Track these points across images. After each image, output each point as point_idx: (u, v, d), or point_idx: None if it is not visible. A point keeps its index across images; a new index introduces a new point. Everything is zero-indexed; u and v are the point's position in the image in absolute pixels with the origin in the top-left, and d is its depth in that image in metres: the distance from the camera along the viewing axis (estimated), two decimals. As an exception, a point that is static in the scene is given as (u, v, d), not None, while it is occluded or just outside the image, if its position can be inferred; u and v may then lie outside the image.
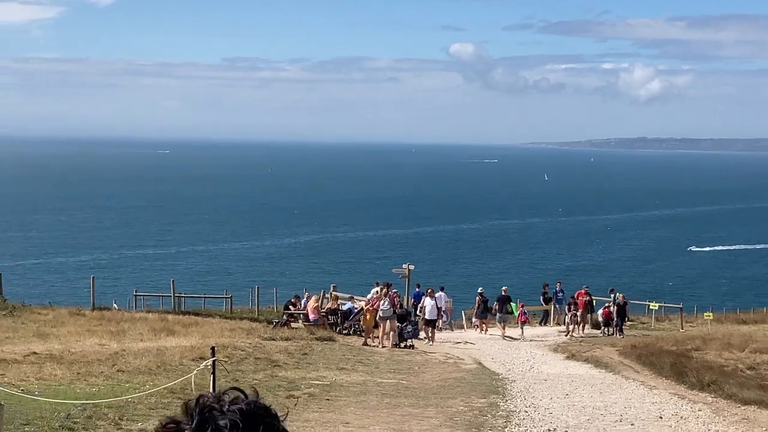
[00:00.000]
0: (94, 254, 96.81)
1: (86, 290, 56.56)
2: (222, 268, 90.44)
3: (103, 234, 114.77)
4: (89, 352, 23.26)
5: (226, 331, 31.64)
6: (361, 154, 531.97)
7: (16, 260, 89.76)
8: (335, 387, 21.01)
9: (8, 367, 20.06)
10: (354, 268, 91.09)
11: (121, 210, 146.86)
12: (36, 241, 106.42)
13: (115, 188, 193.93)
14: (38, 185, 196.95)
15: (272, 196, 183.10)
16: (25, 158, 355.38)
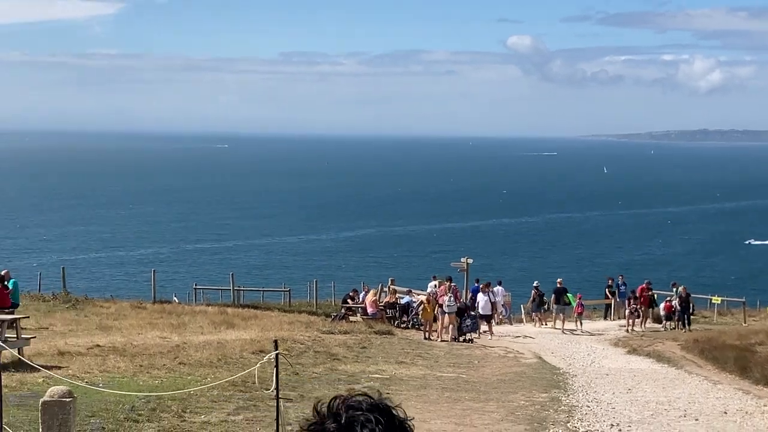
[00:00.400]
0: (153, 248, 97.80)
1: (147, 284, 57.19)
2: (280, 262, 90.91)
3: (163, 228, 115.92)
4: (151, 345, 23.48)
5: (285, 325, 31.77)
6: (418, 148, 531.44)
7: (78, 254, 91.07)
8: (395, 381, 20.98)
9: (72, 359, 20.31)
10: (411, 261, 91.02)
11: (179, 204, 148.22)
12: (97, 235, 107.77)
13: (173, 182, 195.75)
14: (98, 180, 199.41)
15: (329, 191, 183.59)
16: (85, 153, 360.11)
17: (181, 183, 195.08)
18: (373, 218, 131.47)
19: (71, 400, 10.53)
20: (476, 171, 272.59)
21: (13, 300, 28.34)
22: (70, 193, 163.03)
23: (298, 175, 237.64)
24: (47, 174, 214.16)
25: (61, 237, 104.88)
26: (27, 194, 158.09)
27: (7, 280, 28.48)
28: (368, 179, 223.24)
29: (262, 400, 16.49)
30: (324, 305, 45.08)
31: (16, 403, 14.58)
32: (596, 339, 35.56)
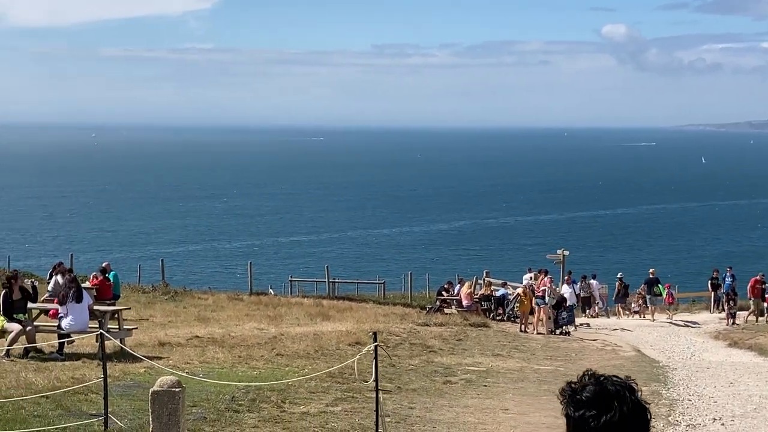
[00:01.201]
0: (249, 240, 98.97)
1: (243, 276, 57.94)
2: (374, 254, 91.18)
3: (258, 221, 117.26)
4: (249, 336, 23.74)
5: (380, 317, 31.84)
6: (511, 139, 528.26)
7: (176, 246, 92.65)
8: (492, 373, 20.85)
9: (173, 350, 20.63)
10: (506, 254, 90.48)
11: (275, 197, 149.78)
12: (193, 227, 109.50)
13: (268, 176, 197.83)
14: (192, 173, 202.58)
15: (422, 182, 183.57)
16: (179, 147, 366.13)
17: (276, 176, 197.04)
18: (466, 210, 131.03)
19: (180, 390, 10.69)
20: (571, 162, 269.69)
21: (114, 292, 28.95)
22: (166, 186, 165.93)
23: (391, 167, 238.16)
24: (145, 168, 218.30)
25: (160, 230, 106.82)
26: (126, 188, 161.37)
27: (108, 272, 29.10)
28: (461, 171, 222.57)
29: (360, 391, 16.53)
30: (418, 297, 45.11)
31: (120, 393, 14.86)
32: (695, 331, 34.90)
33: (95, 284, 28.00)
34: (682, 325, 37.29)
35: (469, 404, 16.72)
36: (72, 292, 19.28)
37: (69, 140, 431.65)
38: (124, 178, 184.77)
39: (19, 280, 20.13)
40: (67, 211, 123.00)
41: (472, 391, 18.33)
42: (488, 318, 34.35)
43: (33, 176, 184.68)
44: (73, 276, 21.43)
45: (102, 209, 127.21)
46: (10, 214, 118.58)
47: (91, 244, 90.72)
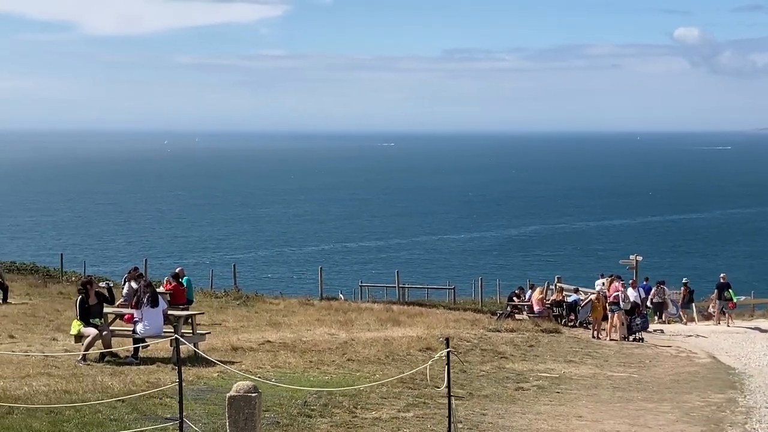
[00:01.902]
0: (319, 246, 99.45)
1: (312, 281, 58.23)
2: (443, 260, 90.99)
3: (328, 226, 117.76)
4: (320, 341, 23.80)
5: (451, 322, 31.71)
6: (582, 143, 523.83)
7: (247, 251, 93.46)
8: (564, 380, 20.65)
9: (245, 354, 20.77)
10: (577, 259, 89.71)
11: (344, 202, 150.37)
12: (264, 233, 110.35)
13: (337, 181, 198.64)
14: (263, 179, 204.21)
15: (492, 187, 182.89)
16: (251, 153, 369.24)
17: (346, 181, 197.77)
18: (537, 215, 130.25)
19: (257, 395, 10.77)
20: (644, 166, 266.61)
21: (187, 296, 29.25)
22: (237, 192, 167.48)
23: (460, 172, 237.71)
24: (216, 174, 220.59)
25: (231, 235, 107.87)
26: (198, 194, 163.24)
27: (181, 277, 29.41)
28: (531, 176, 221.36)
29: (432, 397, 16.48)
30: (489, 303, 44.85)
31: (194, 397, 15.00)
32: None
33: (169, 289, 28.31)
34: (745, 330, 36.56)
35: (541, 411, 16.58)
36: (147, 296, 19.51)
37: (142, 147, 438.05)
38: (196, 184, 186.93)
39: (95, 285, 20.42)
40: (140, 217, 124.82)
41: (544, 397, 18.17)
42: (560, 324, 34.02)
43: (107, 183, 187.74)
44: (148, 281, 21.70)
45: (174, 215, 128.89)
46: (85, 220, 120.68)
47: (163, 250, 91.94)
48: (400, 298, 45.11)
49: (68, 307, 29.70)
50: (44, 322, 26.97)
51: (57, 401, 14.09)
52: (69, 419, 13.09)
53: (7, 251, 74.08)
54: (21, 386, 15.27)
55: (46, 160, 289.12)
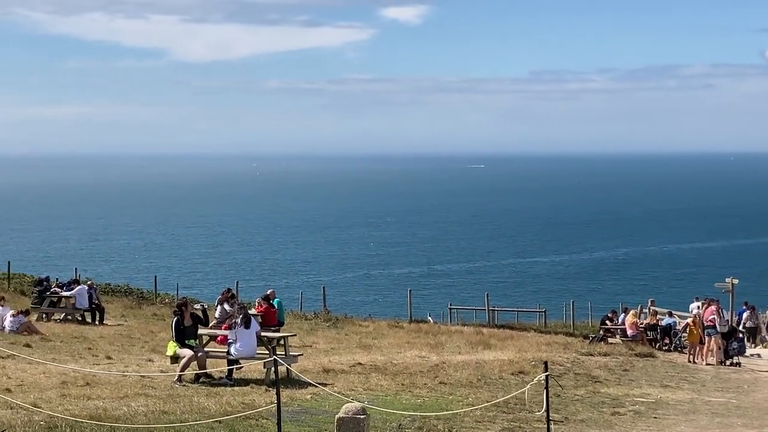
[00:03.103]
0: (406, 268, 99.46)
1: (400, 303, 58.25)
2: (533, 282, 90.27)
3: (416, 248, 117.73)
4: (411, 364, 23.74)
5: (543, 346, 31.36)
6: (673, 165, 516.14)
7: (335, 274, 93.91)
8: (661, 405, 20.26)
9: (337, 376, 20.82)
10: (671, 282, 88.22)
11: (432, 225, 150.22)
12: (353, 255, 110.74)
13: (426, 204, 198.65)
14: (350, 201, 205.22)
15: (581, 209, 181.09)
16: (338, 175, 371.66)
17: (434, 204, 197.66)
18: (627, 237, 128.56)
19: (365, 417, 10.80)
20: (739, 187, 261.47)
21: (278, 318, 29.45)
22: (325, 214, 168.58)
23: (549, 193, 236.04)
24: (301, 197, 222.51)
25: (320, 257, 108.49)
26: (286, 217, 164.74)
27: (272, 299, 29.63)
28: (621, 197, 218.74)
29: (527, 421, 16.30)
30: (581, 326, 44.32)
31: (289, 419, 15.05)
32: None
33: (260, 311, 28.55)
34: None
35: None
36: (241, 318, 19.70)
37: (232, 171, 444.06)
38: (284, 207, 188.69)
39: (190, 307, 20.68)
40: (230, 240, 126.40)
41: (642, 422, 17.84)
42: (654, 348, 33.45)
43: (198, 206, 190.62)
44: (241, 303, 21.92)
45: (263, 238, 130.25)
46: (177, 243, 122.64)
47: (253, 272, 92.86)
48: (490, 321, 44.84)
49: (162, 329, 30.17)
50: (140, 343, 27.43)
51: (156, 421, 14.28)
52: (167, 440, 13.24)
53: (102, 273, 75.61)
54: (120, 406, 15.51)
55: (138, 185, 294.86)
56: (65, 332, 28.89)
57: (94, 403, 15.77)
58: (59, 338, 27.09)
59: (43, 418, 14.11)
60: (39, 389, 17.41)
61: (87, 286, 34.06)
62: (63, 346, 25.41)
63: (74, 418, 13.96)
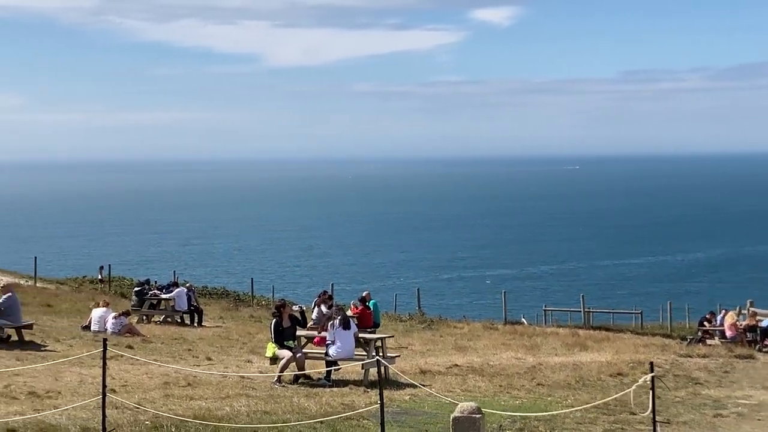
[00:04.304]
0: (499, 270, 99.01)
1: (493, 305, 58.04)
2: (628, 283, 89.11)
3: (509, 250, 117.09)
4: (507, 365, 23.66)
5: (640, 347, 30.95)
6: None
7: (428, 275, 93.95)
8: (764, 407, 19.81)
9: (434, 378, 20.85)
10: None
11: (525, 226, 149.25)
12: (445, 258, 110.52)
13: (519, 205, 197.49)
14: (441, 204, 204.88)
15: (676, 209, 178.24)
16: (435, 178, 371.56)
17: (523, 206, 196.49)
18: (725, 238, 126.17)
19: (480, 417, 10.84)
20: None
21: (374, 320, 29.62)
22: (416, 217, 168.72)
23: (643, 193, 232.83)
24: (396, 200, 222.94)
25: (412, 259, 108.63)
26: (378, 220, 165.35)
27: (368, 301, 29.82)
28: (716, 197, 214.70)
29: (629, 423, 16.12)
30: (678, 328, 43.67)
31: (389, 419, 15.11)
32: None
33: (356, 313, 28.76)
34: None
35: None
36: (339, 320, 19.87)
37: (323, 174, 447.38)
38: (376, 210, 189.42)
39: (288, 308, 20.91)
40: (324, 243, 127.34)
41: (746, 425, 17.51)
42: (754, 349, 32.77)
43: (291, 209, 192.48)
44: (339, 305, 22.10)
45: (355, 240, 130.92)
46: (272, 246, 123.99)
47: (347, 274, 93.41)
48: (586, 322, 44.45)
49: (260, 330, 30.58)
50: (238, 344, 27.82)
51: (258, 422, 14.50)
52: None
53: (199, 276, 76.87)
54: (223, 406, 15.78)
55: (232, 189, 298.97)
56: (165, 334, 29.46)
57: (197, 403, 16.08)
58: (160, 340, 27.63)
59: (148, 417, 14.43)
60: (143, 389, 17.80)
61: (186, 289, 34.68)
62: (163, 348, 25.91)
63: (179, 418, 14.25)
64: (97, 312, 28.97)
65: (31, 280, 45.89)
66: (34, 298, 35.99)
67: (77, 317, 31.27)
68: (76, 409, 14.94)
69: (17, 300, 24.65)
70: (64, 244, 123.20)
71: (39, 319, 28.56)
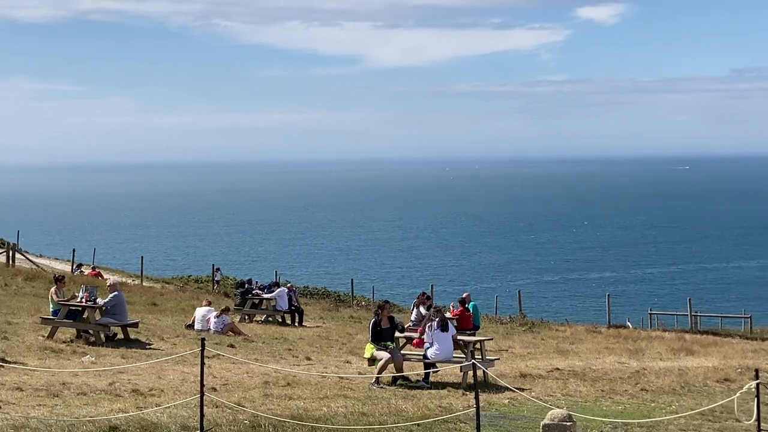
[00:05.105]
0: (603, 273, 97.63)
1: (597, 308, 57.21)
2: (738, 287, 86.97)
3: (612, 253, 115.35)
4: (610, 370, 23.22)
5: (748, 353, 30.16)
6: None
7: (529, 277, 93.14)
8: None
9: (534, 381, 20.57)
10: None
11: (632, 228, 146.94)
12: (547, 259, 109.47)
13: (624, 205, 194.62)
14: (544, 205, 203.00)
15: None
16: (530, 179, 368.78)
17: (631, 207, 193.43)
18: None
19: (571, 425, 10.62)
20: None
21: (474, 322, 29.39)
22: (518, 218, 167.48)
23: (756, 195, 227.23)
24: (496, 201, 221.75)
25: (513, 261, 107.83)
26: (479, 220, 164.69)
27: (468, 303, 29.61)
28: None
29: (734, 430, 15.64)
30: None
31: (486, 423, 14.94)
32: None
33: (455, 314, 28.59)
34: None
35: None
36: (437, 321, 19.73)
37: (424, 175, 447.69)
38: (477, 210, 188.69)
39: (387, 309, 20.85)
40: (424, 243, 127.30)
41: None
42: None
43: (391, 210, 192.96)
44: (437, 307, 21.96)
45: (457, 241, 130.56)
46: (372, 246, 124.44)
47: (447, 276, 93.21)
48: (693, 326, 43.51)
49: (359, 331, 30.63)
50: (337, 345, 27.90)
51: (355, 423, 14.45)
52: (367, 441, 13.37)
53: (300, 276, 77.57)
54: (320, 407, 15.79)
55: (334, 189, 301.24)
56: (266, 333, 29.70)
57: (295, 403, 16.12)
58: (261, 339, 27.86)
59: (247, 417, 14.50)
60: (243, 388, 17.92)
61: (287, 289, 34.94)
62: (264, 347, 26.11)
63: (277, 418, 14.30)
64: (200, 311, 29.37)
65: (137, 279, 46.85)
66: (140, 296, 36.68)
67: (181, 316, 31.75)
68: (177, 407, 15.10)
69: (123, 298, 25.11)
70: (170, 244, 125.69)
71: (144, 317, 29.07)
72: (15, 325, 25.15)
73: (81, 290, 25.23)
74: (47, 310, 25.64)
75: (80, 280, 38.43)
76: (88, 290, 24.86)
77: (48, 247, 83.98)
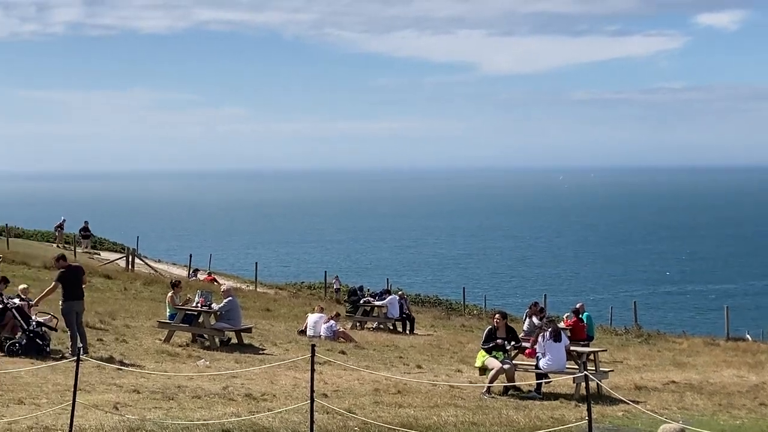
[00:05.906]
0: (722, 284, 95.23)
1: (716, 320, 55.81)
2: None
3: (732, 263, 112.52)
4: (728, 384, 22.66)
5: None
6: None
7: (647, 289, 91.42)
8: None
9: (649, 394, 20.18)
10: None
11: (751, 238, 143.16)
12: (664, 270, 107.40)
13: (746, 214, 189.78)
14: (659, 215, 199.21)
15: None
16: (648, 188, 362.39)
17: (756, 213, 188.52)
18: None
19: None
20: None
21: (588, 333, 29.00)
22: (632, 228, 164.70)
23: None
24: (611, 210, 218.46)
25: (630, 271, 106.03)
26: (594, 230, 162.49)
27: (581, 313, 29.22)
28: None
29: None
30: None
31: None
32: None
33: (569, 325, 28.24)
34: None
35: None
36: (550, 332, 19.50)
37: (537, 183, 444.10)
38: (593, 220, 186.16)
39: (506, 319, 20.64)
40: (538, 253, 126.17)
41: None
42: None
43: (505, 218, 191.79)
44: (550, 317, 21.72)
45: (572, 251, 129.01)
46: (485, 255, 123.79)
47: (560, 286, 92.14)
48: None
49: (471, 340, 30.49)
50: (449, 353, 27.81)
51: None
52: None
53: (412, 284, 77.68)
54: (430, 416, 15.74)
55: (447, 197, 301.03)
56: (377, 340, 29.79)
57: (405, 411, 16.10)
58: (372, 346, 27.95)
59: (357, 424, 14.54)
60: (353, 395, 17.99)
61: (398, 296, 34.99)
62: (375, 354, 26.19)
63: (387, 425, 14.30)
64: (312, 317, 29.65)
65: (252, 285, 47.55)
66: (254, 302, 37.24)
67: (294, 322, 32.09)
68: (288, 412, 15.24)
69: (237, 304, 25.51)
70: (284, 251, 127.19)
71: (258, 322, 29.47)
72: (133, 329, 25.77)
73: (197, 295, 25.73)
74: (164, 314, 26.19)
75: (196, 285, 39.18)
76: (204, 295, 25.34)
77: (166, 252, 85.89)
